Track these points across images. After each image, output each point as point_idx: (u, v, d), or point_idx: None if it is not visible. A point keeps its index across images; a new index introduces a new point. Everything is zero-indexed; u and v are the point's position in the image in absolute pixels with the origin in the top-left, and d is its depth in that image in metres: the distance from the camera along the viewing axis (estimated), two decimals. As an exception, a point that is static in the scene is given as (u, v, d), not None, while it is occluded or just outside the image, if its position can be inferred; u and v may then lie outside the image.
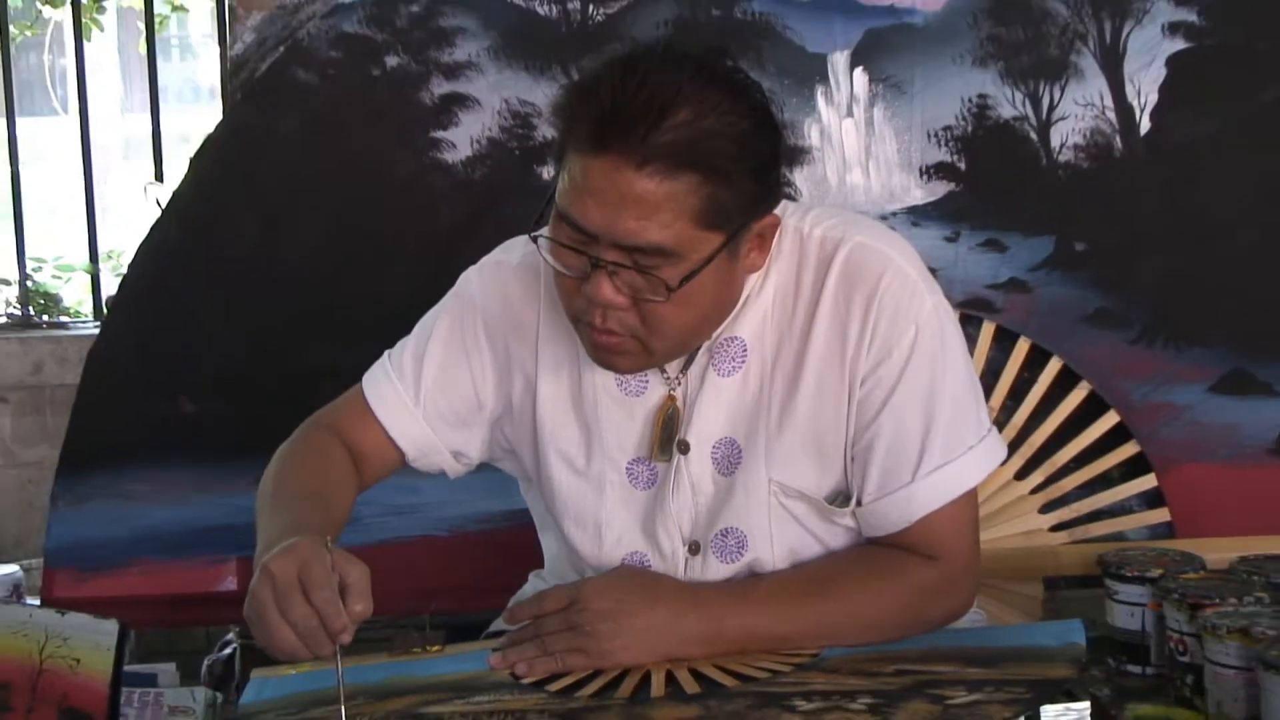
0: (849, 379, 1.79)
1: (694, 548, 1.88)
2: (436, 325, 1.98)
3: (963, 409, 1.82)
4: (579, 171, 1.64)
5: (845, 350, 1.78)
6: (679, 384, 1.85)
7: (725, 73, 1.68)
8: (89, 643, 1.94)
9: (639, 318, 1.70)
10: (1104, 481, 2.73)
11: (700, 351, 1.82)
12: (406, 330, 2.64)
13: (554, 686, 1.75)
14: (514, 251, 1.95)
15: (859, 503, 1.83)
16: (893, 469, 1.81)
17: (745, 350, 1.83)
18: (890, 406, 1.79)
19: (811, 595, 1.81)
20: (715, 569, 1.87)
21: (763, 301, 1.82)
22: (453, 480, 2.08)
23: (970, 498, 1.85)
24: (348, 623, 1.58)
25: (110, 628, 1.94)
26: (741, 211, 1.67)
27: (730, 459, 1.84)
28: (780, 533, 1.85)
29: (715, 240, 1.66)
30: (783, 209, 1.81)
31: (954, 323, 1.85)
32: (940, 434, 1.80)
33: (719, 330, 1.81)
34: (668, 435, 1.85)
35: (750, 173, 1.65)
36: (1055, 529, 2.71)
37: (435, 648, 1.91)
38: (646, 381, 1.86)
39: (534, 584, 2.13)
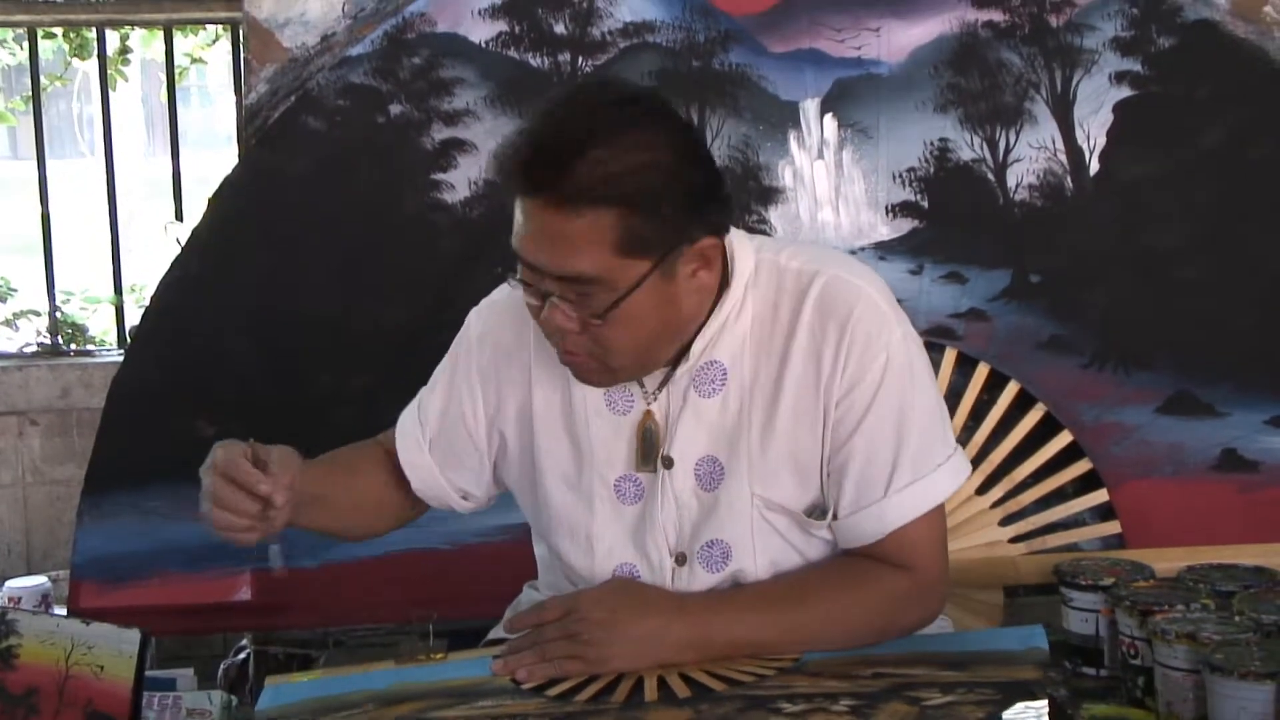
0: (824, 402, 1.79)
1: (680, 559, 1.86)
2: (442, 367, 2.01)
3: (931, 429, 1.82)
4: (519, 213, 1.67)
5: (820, 375, 1.78)
6: (655, 399, 1.84)
7: (644, 110, 1.67)
8: (113, 650, 1.92)
9: (591, 340, 1.71)
10: (1059, 496, 2.73)
11: (681, 373, 1.81)
12: (409, 357, 2.64)
13: (553, 691, 1.74)
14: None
15: (835, 516, 1.83)
16: (866, 485, 1.80)
17: (725, 374, 1.82)
18: (863, 428, 1.78)
19: (791, 604, 1.80)
20: (701, 579, 1.85)
21: (741, 328, 1.82)
22: None
23: (940, 511, 1.85)
24: (269, 487, 1.77)
25: (132, 636, 1.93)
26: (665, 240, 1.66)
27: (713, 475, 1.83)
28: (762, 544, 1.84)
29: (642, 266, 1.66)
30: (760, 243, 1.82)
31: (921, 350, 1.84)
32: (910, 453, 1.79)
33: (699, 352, 1.80)
34: (647, 448, 1.85)
35: (672, 203, 1.64)
36: (1014, 540, 2.70)
37: (439, 654, 1.90)
38: (632, 401, 1.86)
39: (529, 594, 2.12)
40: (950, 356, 2.72)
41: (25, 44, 3.76)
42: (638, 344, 1.73)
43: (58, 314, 3.74)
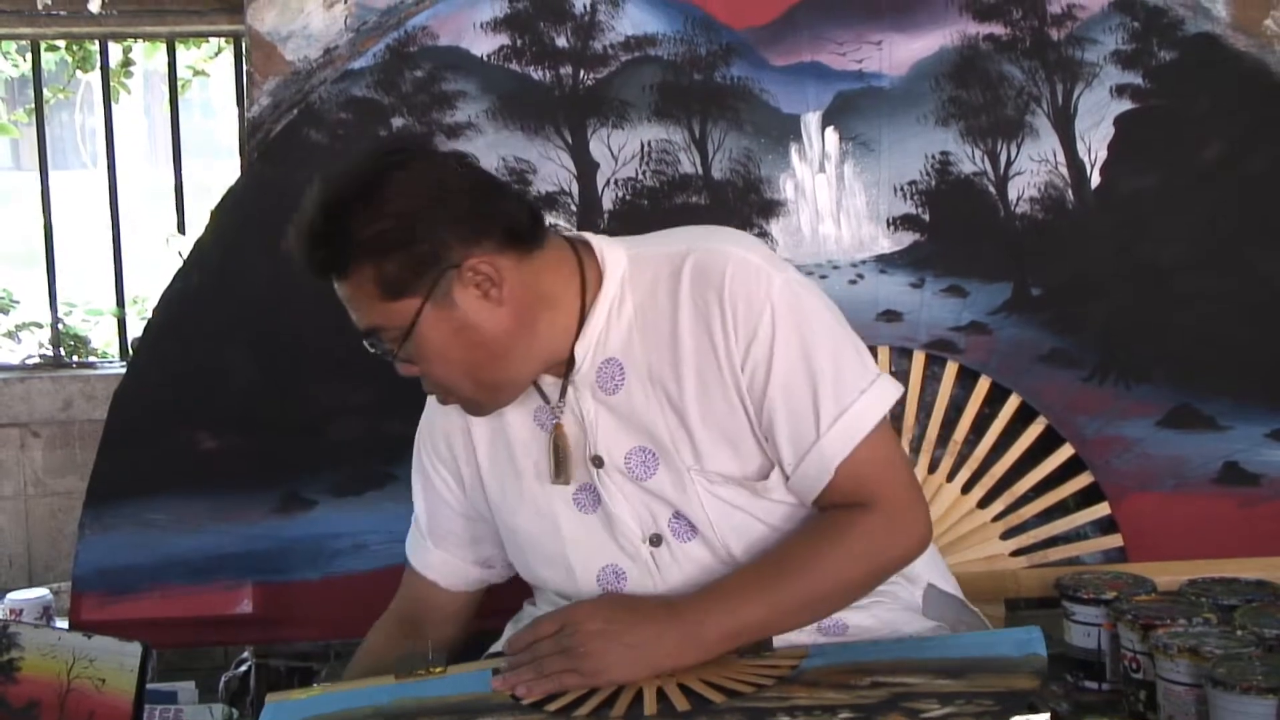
0: (729, 370, 1.83)
1: (655, 540, 1.91)
2: (413, 479, 2.15)
3: (843, 361, 1.85)
4: None
5: (715, 346, 1.83)
6: (561, 412, 1.92)
7: (379, 167, 1.82)
8: (114, 663, 1.93)
9: (429, 379, 1.89)
10: (1060, 510, 2.72)
11: (579, 379, 1.89)
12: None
13: (552, 706, 1.75)
14: None
15: (786, 476, 1.86)
16: (798, 433, 1.84)
17: (622, 368, 1.88)
18: (774, 380, 1.82)
19: (776, 582, 1.82)
20: (680, 550, 1.90)
21: (625, 321, 1.88)
22: None
23: (881, 438, 1.86)
24: None
25: (134, 649, 1.93)
26: (420, 274, 1.79)
27: (646, 464, 1.89)
28: (716, 515, 1.88)
29: (412, 303, 1.80)
30: (631, 241, 1.93)
31: (810, 290, 1.89)
32: (828, 388, 1.83)
33: (585, 355, 1.87)
34: (558, 458, 1.92)
35: (417, 240, 1.78)
36: (1015, 554, 2.70)
37: (439, 669, 1.90)
38: (549, 417, 1.93)
39: (529, 610, 2.13)
40: (951, 369, 2.72)
41: (28, 56, 3.77)
42: (461, 372, 1.86)
43: (60, 326, 3.74)
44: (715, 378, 1.84)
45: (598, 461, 1.90)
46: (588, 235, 1.94)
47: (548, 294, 1.86)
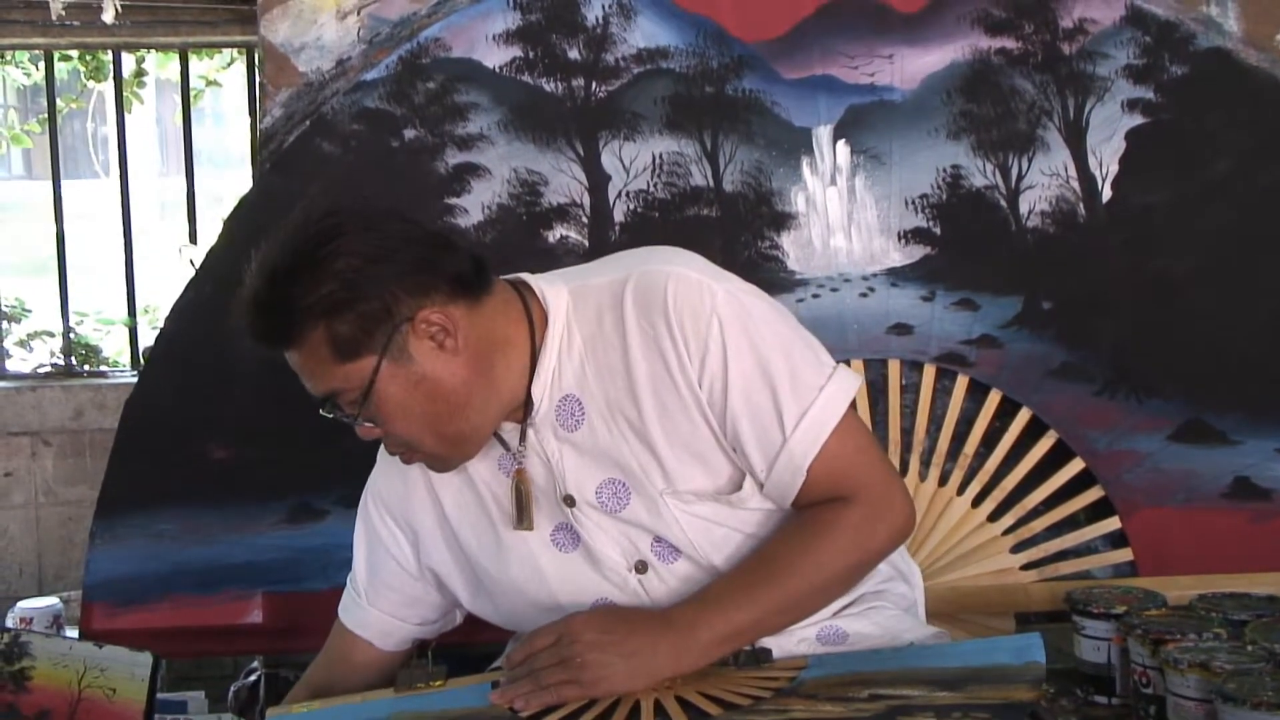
0: (687, 388, 1.83)
1: (640, 567, 1.91)
2: (355, 539, 2.14)
3: (797, 361, 1.86)
4: None
5: (669, 366, 1.83)
6: (523, 455, 1.91)
7: (314, 234, 1.81)
8: (125, 673, 1.93)
9: (391, 438, 1.88)
10: (1071, 523, 2.72)
11: (539, 421, 1.88)
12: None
13: (551, 719, 1.74)
14: None
15: (760, 484, 1.86)
16: (764, 439, 1.84)
17: (580, 404, 1.88)
18: (731, 391, 1.82)
19: (764, 582, 1.83)
20: (667, 571, 1.90)
21: (575, 356, 1.88)
22: None
23: (848, 429, 1.86)
24: None
25: (145, 659, 1.94)
26: (373, 332, 1.79)
27: (618, 496, 1.88)
28: (695, 534, 1.88)
29: (368, 362, 1.80)
30: (569, 275, 1.93)
31: (756, 296, 1.89)
32: (787, 390, 1.83)
33: (542, 395, 1.87)
34: (520, 504, 1.92)
35: (363, 299, 1.78)
36: (1025, 568, 2.70)
37: (438, 682, 1.91)
38: (512, 463, 1.92)
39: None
40: (962, 383, 2.72)
41: (41, 65, 3.79)
42: (423, 426, 1.84)
43: (71, 335, 3.76)
44: (674, 398, 1.83)
45: (569, 501, 1.90)
46: (524, 276, 1.94)
47: (500, 338, 1.86)
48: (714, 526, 1.88)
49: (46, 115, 3.80)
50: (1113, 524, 2.71)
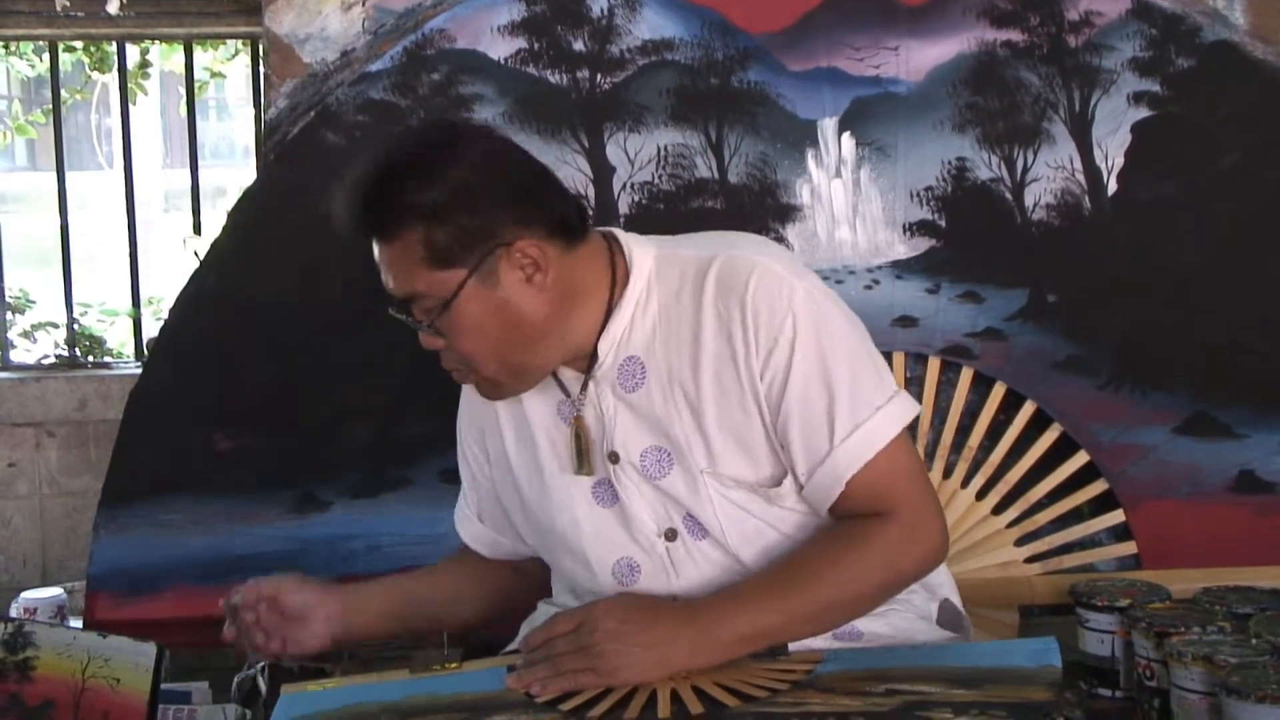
0: (748, 378, 1.84)
1: (670, 535, 1.92)
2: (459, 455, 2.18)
3: (861, 376, 1.86)
4: None
5: (735, 353, 1.84)
6: (583, 405, 1.93)
7: (444, 138, 1.84)
8: (129, 663, 1.93)
9: (454, 353, 1.88)
10: (1075, 516, 2.73)
11: (600, 375, 1.90)
12: (426, 374, 2.64)
13: (566, 705, 1.75)
14: None
15: (799, 485, 1.87)
16: (812, 444, 1.84)
17: (643, 367, 1.89)
18: (790, 389, 1.83)
19: (792, 588, 1.83)
20: (695, 547, 1.91)
21: (649, 321, 1.90)
22: None
23: (899, 451, 1.87)
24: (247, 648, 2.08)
25: (149, 649, 1.94)
26: (469, 247, 1.80)
27: (661, 463, 1.90)
28: (727, 519, 1.89)
29: (458, 274, 1.80)
30: (662, 241, 1.94)
31: (834, 302, 1.90)
32: (845, 402, 1.83)
33: (608, 351, 1.89)
34: (580, 450, 1.94)
35: (469, 213, 1.78)
36: (1030, 560, 2.70)
37: (454, 664, 1.91)
38: (571, 410, 1.95)
39: (543, 610, 2.14)
40: (967, 375, 2.72)
41: (46, 57, 3.78)
42: (491, 350, 1.86)
43: (75, 326, 3.75)
44: (733, 383, 1.84)
45: (614, 457, 1.91)
46: (616, 231, 1.96)
47: (582, 286, 1.88)
48: (747, 516, 1.88)
49: (51, 107, 3.79)
50: (1117, 517, 2.71)
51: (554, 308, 1.85)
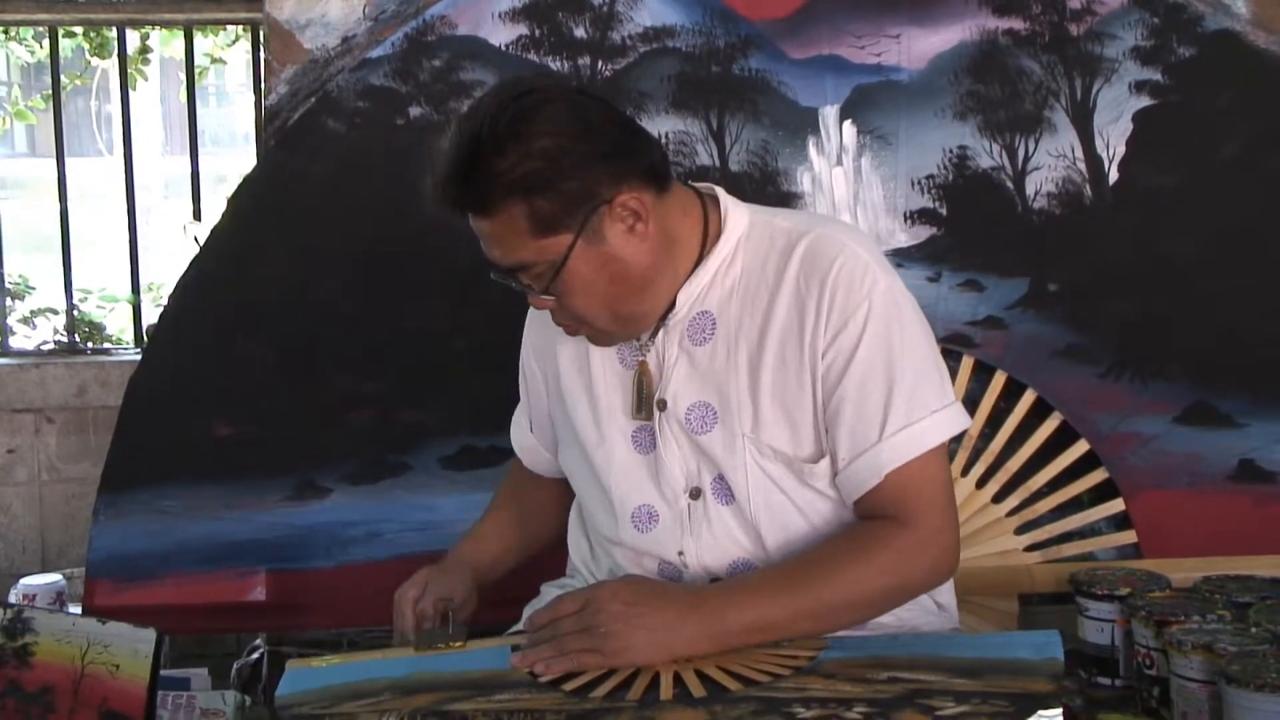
0: (810, 354, 1.86)
1: (694, 493, 1.94)
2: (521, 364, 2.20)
3: (924, 377, 1.87)
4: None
5: (804, 327, 1.86)
6: (649, 350, 1.95)
7: (528, 104, 1.80)
8: (128, 649, 1.93)
9: (566, 312, 1.88)
10: (1075, 505, 2.72)
11: (673, 323, 1.93)
12: (427, 360, 2.65)
13: (569, 685, 1.75)
14: None
15: (836, 469, 1.88)
16: (860, 431, 1.85)
17: (714, 324, 1.92)
18: (851, 373, 1.85)
19: (802, 584, 1.83)
20: (715, 511, 1.93)
21: (730, 280, 1.92)
22: (468, 499, 2.18)
23: (937, 460, 1.88)
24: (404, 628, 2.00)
25: (148, 636, 1.94)
26: (574, 210, 1.80)
27: (705, 419, 1.92)
28: (756, 488, 1.90)
29: (565, 239, 1.81)
30: (757, 207, 1.97)
31: (911, 303, 1.91)
32: (902, 398, 1.84)
33: (686, 303, 1.91)
34: (641, 395, 1.96)
35: (568, 177, 1.78)
36: (1029, 549, 2.70)
37: (458, 643, 1.92)
38: (637, 355, 1.97)
39: (548, 591, 2.14)
40: (967, 364, 2.72)
41: (46, 42, 3.77)
42: (602, 304, 1.87)
43: (75, 312, 3.75)
44: (795, 356, 1.86)
45: (661, 405, 1.94)
46: (717, 190, 1.98)
47: (677, 233, 1.90)
48: (775, 491, 1.89)
49: (50, 92, 3.78)
50: (1117, 506, 2.71)
51: (657, 254, 1.87)
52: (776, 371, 1.88)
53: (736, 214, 1.94)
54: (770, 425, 1.88)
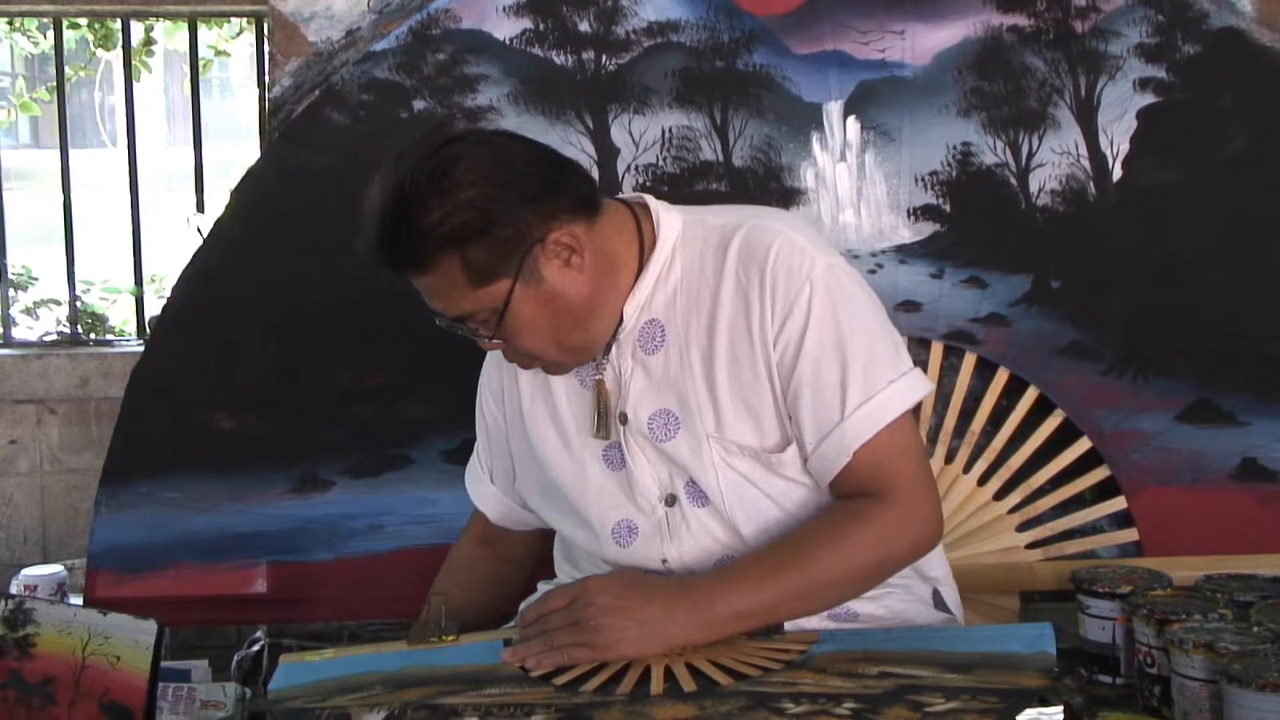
0: (761, 344, 1.87)
1: (669, 500, 1.95)
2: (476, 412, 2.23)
3: (876, 350, 1.89)
4: None
5: (751, 319, 1.87)
6: (605, 366, 1.97)
7: (447, 157, 1.82)
8: (129, 641, 1.93)
9: (516, 351, 1.92)
10: (1077, 503, 2.72)
11: (623, 338, 1.94)
12: (428, 354, 2.65)
13: (560, 680, 1.76)
14: None
15: (805, 455, 1.89)
16: (822, 413, 1.87)
17: (663, 330, 1.93)
18: (804, 357, 1.86)
19: (786, 565, 1.85)
20: (693, 515, 1.93)
21: (671, 285, 1.93)
22: (467, 494, 2.28)
23: (904, 430, 1.90)
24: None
25: (149, 627, 1.94)
26: (507, 256, 1.82)
27: (668, 426, 1.93)
28: (728, 486, 1.92)
29: (503, 285, 1.84)
30: (688, 209, 1.99)
31: (853, 278, 1.93)
32: (858, 373, 1.86)
33: (632, 315, 1.93)
34: (601, 413, 1.97)
35: (498, 223, 1.80)
36: (1031, 546, 2.69)
37: (451, 637, 1.92)
38: (593, 373, 1.98)
39: (542, 590, 2.15)
40: (969, 361, 2.72)
41: (50, 33, 3.78)
42: (550, 340, 1.90)
43: (78, 303, 3.76)
44: (746, 349, 1.87)
45: (623, 419, 1.95)
46: (646, 198, 1.99)
47: (614, 255, 1.92)
48: (747, 486, 1.90)
49: (55, 84, 3.79)
50: (1119, 504, 2.70)
51: (596, 282, 1.88)
52: (731, 368, 1.89)
53: (668, 218, 1.95)
54: (733, 422, 1.89)
